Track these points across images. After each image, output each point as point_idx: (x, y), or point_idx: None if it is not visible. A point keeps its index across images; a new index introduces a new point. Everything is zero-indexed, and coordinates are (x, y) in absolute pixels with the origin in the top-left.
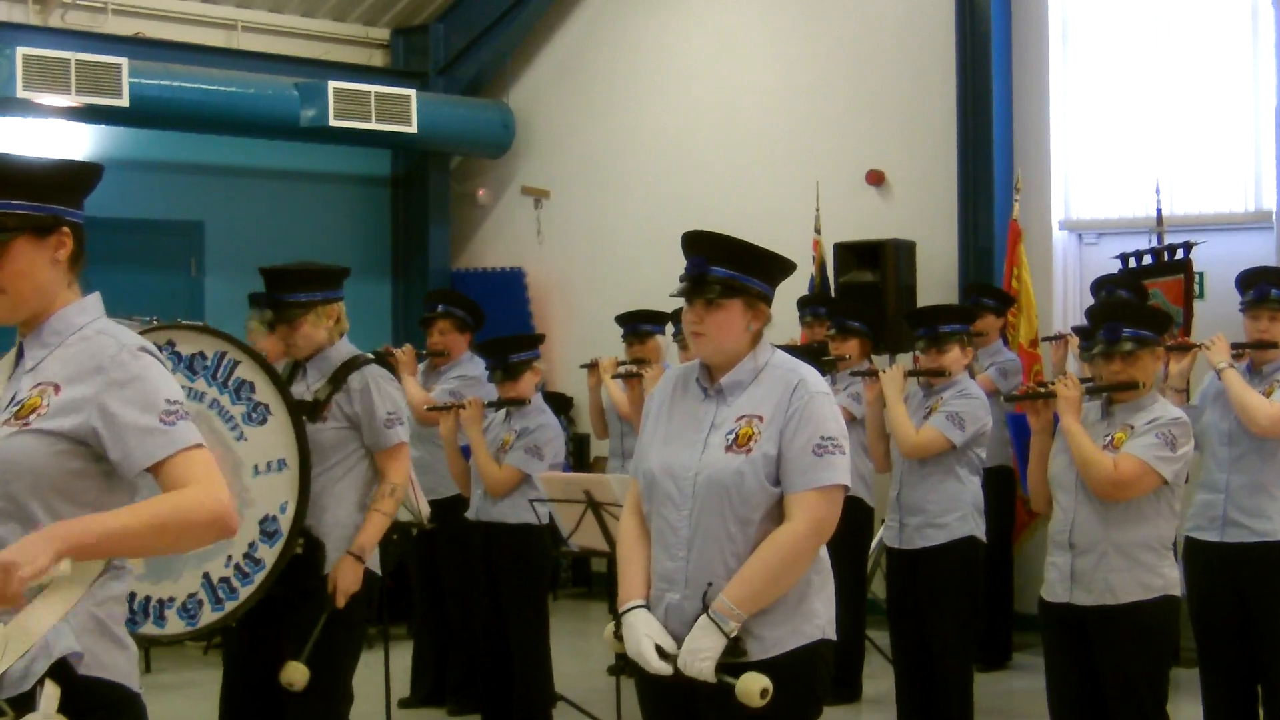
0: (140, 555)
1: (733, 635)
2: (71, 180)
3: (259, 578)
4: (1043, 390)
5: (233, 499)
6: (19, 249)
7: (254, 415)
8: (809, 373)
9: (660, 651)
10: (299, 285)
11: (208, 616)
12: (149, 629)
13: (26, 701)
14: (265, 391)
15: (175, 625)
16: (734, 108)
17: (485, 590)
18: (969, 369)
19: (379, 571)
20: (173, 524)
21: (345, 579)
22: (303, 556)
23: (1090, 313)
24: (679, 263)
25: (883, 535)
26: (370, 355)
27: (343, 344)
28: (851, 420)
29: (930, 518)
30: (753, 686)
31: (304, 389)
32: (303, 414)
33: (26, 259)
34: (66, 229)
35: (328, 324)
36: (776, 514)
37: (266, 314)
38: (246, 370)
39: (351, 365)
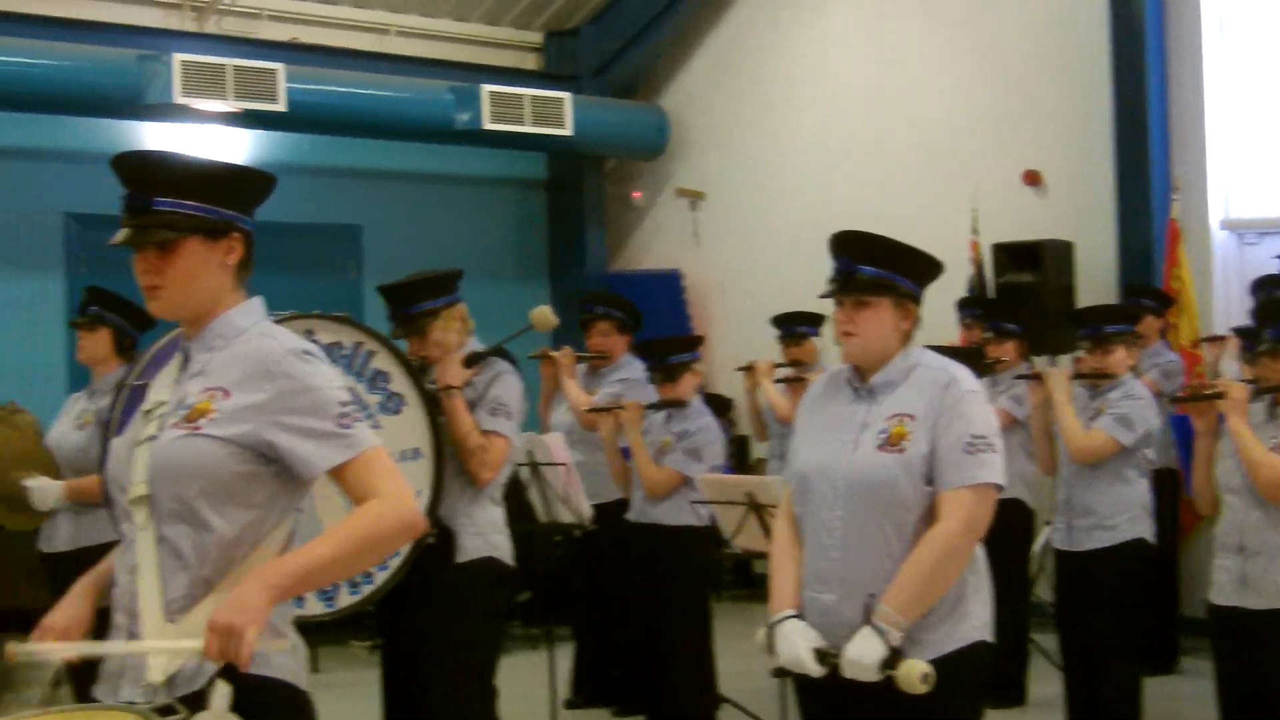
0: (340, 579)
1: (895, 644)
2: (246, 187)
3: (394, 564)
4: (1209, 391)
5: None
6: (189, 249)
7: (389, 405)
8: (960, 371)
9: (819, 654)
10: (422, 294)
11: (345, 600)
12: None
13: (198, 700)
14: (400, 382)
15: (314, 607)
16: (888, 109)
17: (646, 592)
18: (1133, 370)
19: (510, 563)
20: (367, 543)
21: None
22: (435, 546)
23: (1257, 311)
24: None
25: (1049, 537)
26: (495, 349)
27: (470, 342)
28: (1013, 423)
29: (1099, 519)
30: (913, 673)
31: (432, 387)
32: (436, 407)
33: (196, 260)
34: (237, 234)
35: (456, 326)
36: (931, 513)
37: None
38: (382, 361)
39: (476, 358)
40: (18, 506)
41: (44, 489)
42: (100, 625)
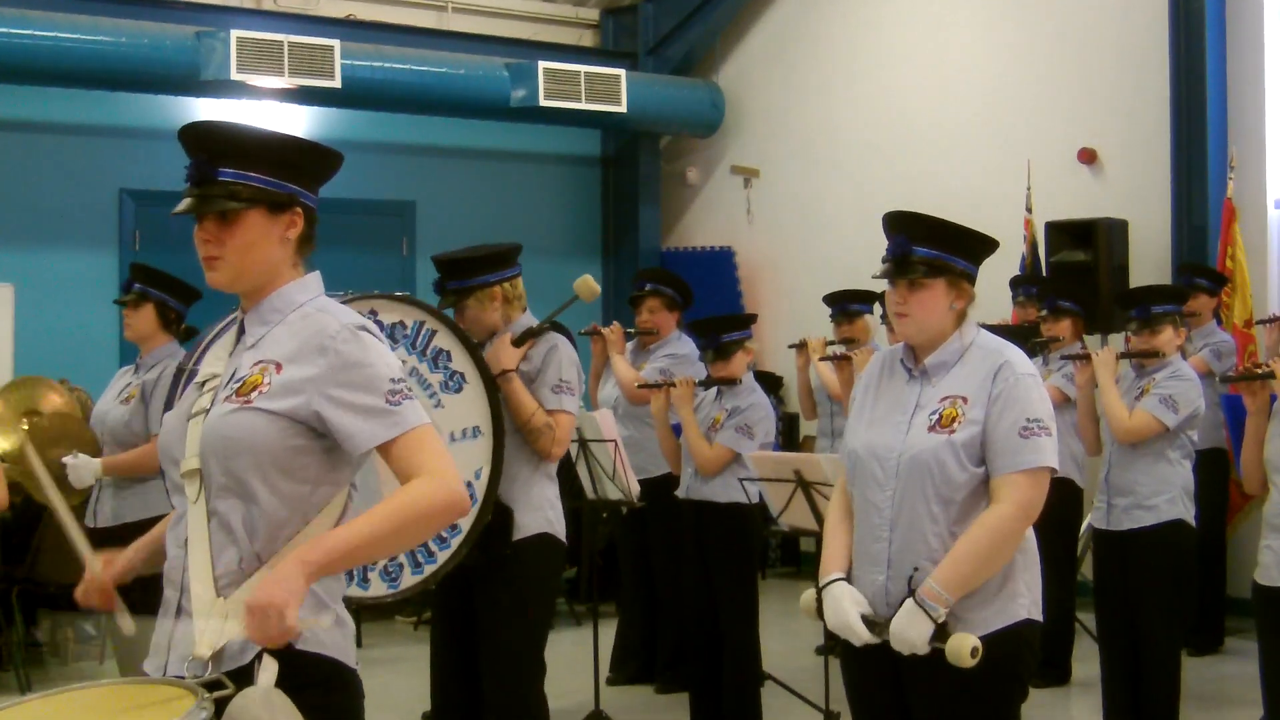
0: (383, 557)
1: (940, 621)
2: (313, 162)
3: (455, 542)
4: (1260, 371)
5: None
6: (251, 221)
7: (450, 383)
8: (1015, 354)
9: (867, 621)
10: (484, 267)
11: (408, 580)
12: (353, 591)
13: (245, 675)
14: (461, 360)
15: (378, 588)
16: (944, 87)
17: (696, 569)
18: (1181, 350)
19: (564, 540)
20: (409, 522)
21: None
22: (494, 524)
23: None
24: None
25: (1090, 517)
26: (547, 324)
27: (525, 316)
28: (1065, 402)
29: (1139, 499)
30: (963, 646)
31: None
32: (495, 384)
33: (257, 232)
34: (300, 209)
35: (494, 305)
36: (980, 495)
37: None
38: (444, 339)
39: (531, 332)
40: (58, 484)
41: (80, 467)
42: (144, 595)
